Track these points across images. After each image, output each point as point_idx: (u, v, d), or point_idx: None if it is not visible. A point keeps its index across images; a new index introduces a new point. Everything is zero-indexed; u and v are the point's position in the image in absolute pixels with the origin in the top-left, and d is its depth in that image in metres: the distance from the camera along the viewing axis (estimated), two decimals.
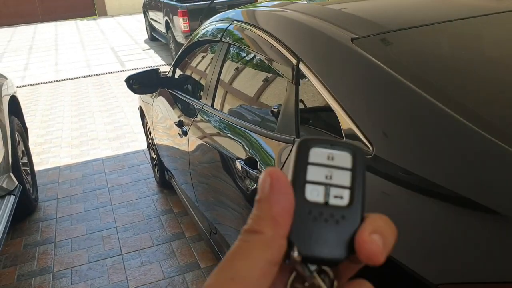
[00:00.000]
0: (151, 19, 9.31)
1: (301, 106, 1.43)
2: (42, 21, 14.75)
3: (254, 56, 1.83)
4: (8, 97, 3.24)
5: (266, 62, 1.68)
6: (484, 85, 1.24)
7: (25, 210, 3.17)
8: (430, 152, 1.00)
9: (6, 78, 3.44)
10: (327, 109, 1.27)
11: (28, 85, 7.23)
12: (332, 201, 0.33)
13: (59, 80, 7.40)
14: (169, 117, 2.61)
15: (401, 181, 1.00)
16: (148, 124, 3.34)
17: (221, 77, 2.03)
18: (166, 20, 7.78)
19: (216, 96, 2.05)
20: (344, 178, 0.33)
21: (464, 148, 0.97)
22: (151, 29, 9.65)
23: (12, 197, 2.79)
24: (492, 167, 0.92)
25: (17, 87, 6.95)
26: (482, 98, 1.18)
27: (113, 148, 4.38)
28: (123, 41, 10.20)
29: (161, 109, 2.81)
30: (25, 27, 13.78)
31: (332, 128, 1.26)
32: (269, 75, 1.71)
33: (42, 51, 9.79)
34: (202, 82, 2.29)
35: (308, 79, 1.37)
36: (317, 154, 0.33)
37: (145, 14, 10.02)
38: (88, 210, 3.25)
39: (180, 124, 2.34)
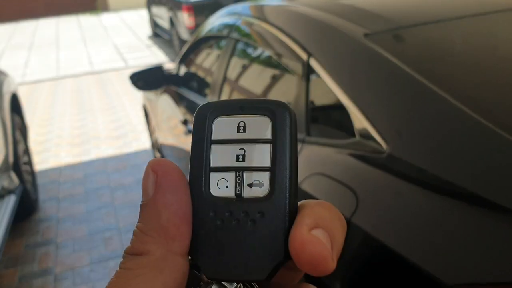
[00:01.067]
0: (155, 14, 9.25)
1: (311, 103, 1.38)
2: (44, 15, 14.71)
3: (263, 52, 1.78)
4: (9, 95, 3.18)
5: (276, 58, 1.63)
6: (500, 82, 1.21)
7: (26, 210, 3.12)
8: (445, 151, 0.98)
9: (7, 76, 3.38)
10: (339, 106, 1.23)
11: (29, 83, 7.18)
12: (247, 192, 0.24)
13: (60, 78, 7.35)
14: (174, 115, 2.55)
15: (416, 180, 0.98)
16: (152, 123, 3.28)
17: (228, 73, 1.98)
18: (170, 16, 7.71)
19: (223, 94, 1.99)
20: (262, 155, 0.24)
21: (480, 147, 0.95)
22: (154, 25, 9.59)
23: (13, 197, 2.74)
24: (509, 166, 0.90)
25: (18, 84, 6.91)
26: (499, 95, 1.15)
27: (115, 147, 4.33)
28: (126, 38, 10.15)
29: (165, 107, 2.75)
30: (27, 23, 13.75)
31: (344, 127, 1.22)
32: (278, 71, 1.66)
33: (43, 48, 9.75)
34: (209, 79, 2.23)
35: (319, 76, 1.32)
36: (223, 125, 0.24)
37: (148, 9, 9.95)
38: (90, 210, 3.20)
39: (185, 122, 2.28)
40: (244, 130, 0.24)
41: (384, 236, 0.93)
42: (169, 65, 3.32)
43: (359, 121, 1.14)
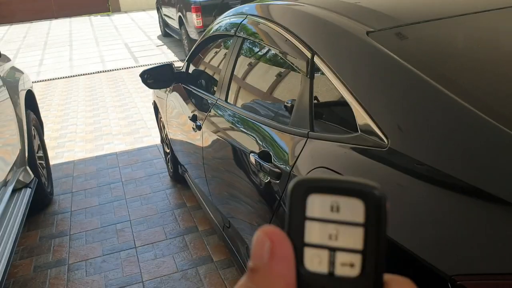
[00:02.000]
0: (165, 15, 9.34)
1: (315, 100, 1.42)
2: (56, 17, 14.90)
3: (269, 50, 1.83)
4: (25, 91, 3.28)
5: (281, 56, 1.68)
6: (502, 78, 1.23)
7: (41, 203, 3.22)
8: (446, 145, 1.00)
9: (23, 73, 3.49)
10: (342, 102, 1.27)
11: (43, 80, 7.32)
12: (339, 270, 0.25)
13: (74, 76, 7.48)
14: (183, 111, 2.62)
15: (417, 174, 1.00)
16: (162, 119, 3.36)
17: (235, 71, 2.04)
18: (180, 16, 7.80)
19: (230, 91, 2.05)
20: (355, 237, 0.25)
21: (480, 141, 0.97)
22: (164, 25, 9.69)
23: (29, 190, 2.84)
24: (508, 160, 0.92)
25: (32, 82, 7.04)
26: (499, 91, 1.17)
27: (127, 143, 4.42)
28: (136, 37, 10.26)
29: (175, 104, 2.83)
30: (40, 23, 13.94)
31: (347, 122, 1.25)
32: (284, 69, 1.71)
33: (56, 47, 9.90)
34: (216, 76, 2.30)
35: (323, 73, 1.37)
36: (316, 203, 0.25)
37: (158, 10, 10.06)
38: (102, 203, 3.29)
39: (194, 118, 2.35)
40: (337, 210, 0.25)
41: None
42: (179, 64, 3.39)
43: (362, 116, 1.17)
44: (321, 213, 0.25)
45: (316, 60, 1.40)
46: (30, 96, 3.44)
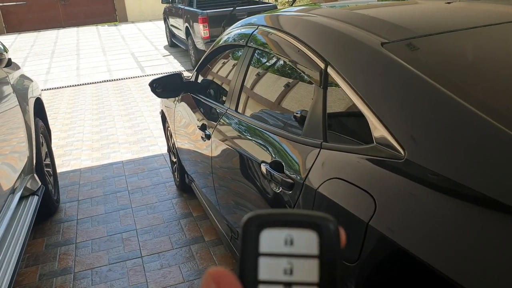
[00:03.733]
0: (171, 25, 9.42)
1: (328, 110, 1.42)
2: (64, 26, 15.04)
3: (280, 60, 1.84)
4: (34, 99, 3.30)
5: (293, 66, 1.69)
6: None
7: (47, 211, 3.21)
8: (463, 156, 0.99)
9: (32, 81, 3.51)
10: (356, 113, 1.26)
11: (50, 89, 7.36)
12: None
13: (81, 84, 7.52)
14: (191, 121, 2.62)
15: (433, 185, 0.99)
16: (170, 128, 3.36)
17: (246, 81, 2.04)
18: (186, 27, 7.86)
19: (241, 100, 2.05)
20: (310, 270, 0.24)
21: (499, 153, 0.96)
22: (171, 35, 9.76)
23: (36, 198, 2.84)
24: None
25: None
26: None
27: (133, 151, 4.43)
28: (143, 47, 10.33)
29: (183, 113, 2.83)
30: (48, 32, 14.07)
31: (361, 133, 1.25)
32: (296, 79, 1.71)
33: (64, 56, 9.98)
34: (226, 86, 2.30)
35: (337, 84, 1.37)
36: (270, 238, 0.24)
37: (165, 20, 10.15)
38: (109, 212, 3.28)
39: (203, 127, 2.35)
40: (291, 243, 0.24)
41: (401, 240, 0.94)
42: (186, 74, 3.40)
43: (377, 127, 1.16)
44: (275, 248, 0.24)
45: (330, 70, 1.40)
46: (38, 104, 3.46)
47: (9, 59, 2.97)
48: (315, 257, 0.24)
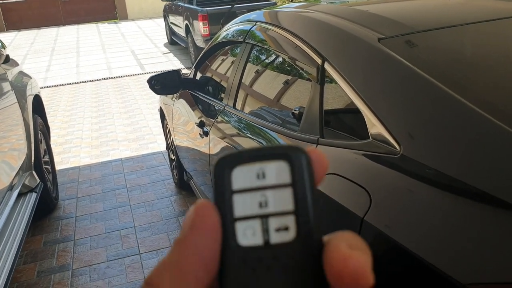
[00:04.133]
0: (171, 23, 9.41)
1: (325, 106, 1.42)
2: (64, 24, 15.03)
3: (278, 56, 1.83)
4: (32, 96, 3.29)
5: (290, 63, 1.68)
6: None
7: (46, 208, 3.21)
8: (458, 152, 0.99)
9: (31, 78, 3.50)
10: (353, 109, 1.26)
11: (50, 86, 7.36)
12: (274, 237, 0.24)
13: (80, 82, 7.52)
14: (190, 118, 2.62)
15: (429, 180, 0.99)
16: (168, 126, 3.36)
17: (244, 78, 2.04)
18: (186, 24, 7.85)
19: (238, 97, 2.05)
20: (285, 199, 0.24)
21: (494, 148, 0.96)
22: (171, 33, 9.75)
23: (34, 195, 2.84)
24: None
25: (39, 88, 7.08)
26: (511, 97, 1.16)
27: (132, 149, 4.42)
28: (143, 45, 10.33)
29: (181, 110, 2.83)
30: (48, 29, 14.06)
31: (358, 129, 1.24)
32: (293, 75, 1.71)
33: (64, 53, 9.98)
34: (224, 83, 2.29)
35: (333, 79, 1.36)
36: (241, 175, 0.24)
37: (165, 18, 10.14)
38: (107, 209, 3.28)
39: (201, 124, 2.35)
40: (264, 177, 0.24)
41: (397, 235, 0.94)
42: (185, 71, 3.40)
43: (373, 123, 1.16)
44: (248, 183, 0.24)
45: (327, 66, 1.40)
46: (37, 101, 3.46)
47: (7, 56, 2.97)
48: (288, 186, 0.24)
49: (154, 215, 3.14)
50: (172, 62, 8.36)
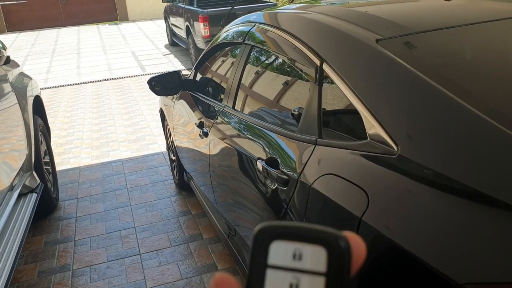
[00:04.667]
0: (172, 24, 9.42)
1: (323, 107, 1.42)
2: (65, 25, 15.05)
3: (277, 57, 1.84)
4: (33, 97, 3.31)
5: (289, 64, 1.69)
6: (510, 85, 1.23)
7: (46, 208, 3.22)
8: (455, 152, 0.99)
9: (31, 79, 3.51)
10: (351, 110, 1.27)
11: (51, 87, 7.37)
12: None
13: (81, 83, 7.53)
14: (189, 119, 2.63)
15: (426, 180, 0.99)
16: (168, 126, 3.37)
17: (243, 79, 2.04)
18: (187, 26, 7.86)
19: (238, 98, 2.05)
20: (315, 287, 0.24)
21: (491, 148, 0.96)
22: (171, 34, 9.76)
23: (34, 195, 2.84)
24: None
25: (40, 89, 7.09)
26: (508, 98, 1.17)
27: (133, 150, 4.43)
28: (144, 46, 10.34)
29: (181, 111, 2.83)
30: (49, 31, 14.09)
31: (356, 129, 1.25)
32: (292, 76, 1.72)
33: (64, 55, 9.99)
34: (224, 84, 2.30)
35: (332, 80, 1.37)
36: (279, 251, 0.24)
37: (166, 19, 10.15)
38: (108, 210, 3.29)
39: (201, 125, 2.35)
40: (300, 258, 0.24)
41: (395, 235, 0.95)
42: (186, 72, 3.41)
43: (371, 123, 1.16)
44: (283, 261, 0.24)
45: (325, 67, 1.41)
46: (38, 102, 3.47)
47: (8, 57, 2.98)
48: (322, 275, 0.24)
49: (155, 215, 3.15)
50: (172, 63, 8.37)
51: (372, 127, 1.17)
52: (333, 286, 0.24)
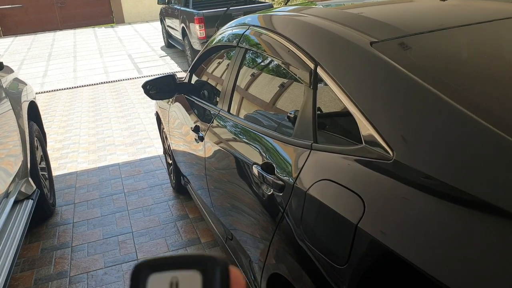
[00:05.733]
0: (168, 26, 9.40)
1: (318, 111, 1.41)
2: (61, 28, 15.02)
3: (271, 61, 1.83)
4: (27, 102, 3.29)
5: (283, 67, 1.67)
6: (507, 88, 1.21)
7: (43, 214, 3.20)
8: (452, 157, 0.97)
9: (26, 84, 3.50)
10: (346, 114, 1.25)
11: (47, 91, 7.35)
12: None
13: (77, 87, 7.51)
14: (185, 122, 2.61)
15: (422, 186, 0.98)
16: (165, 130, 3.35)
17: (238, 82, 2.03)
18: (183, 27, 7.84)
19: (233, 102, 2.04)
20: None
21: (487, 153, 0.95)
22: (167, 36, 9.75)
23: (31, 202, 2.83)
24: None
25: (36, 93, 7.07)
26: (506, 101, 1.15)
27: (130, 153, 4.41)
28: (140, 48, 10.32)
29: (177, 114, 2.82)
30: (45, 34, 14.05)
31: (351, 133, 1.24)
32: (286, 80, 1.70)
33: (61, 58, 9.96)
34: (219, 87, 2.29)
35: (326, 84, 1.36)
36: (157, 282, 0.24)
37: (161, 21, 10.13)
38: (105, 215, 3.27)
39: (196, 129, 2.34)
40: (177, 286, 0.24)
41: (391, 241, 0.94)
42: (182, 74, 3.39)
43: (366, 128, 1.15)
44: None
45: (319, 71, 1.39)
46: (33, 107, 3.45)
47: (1, 63, 2.96)
48: None
49: (152, 220, 3.14)
50: (169, 65, 8.35)
51: (367, 131, 1.15)
52: None
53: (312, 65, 1.43)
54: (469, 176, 0.93)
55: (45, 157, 3.55)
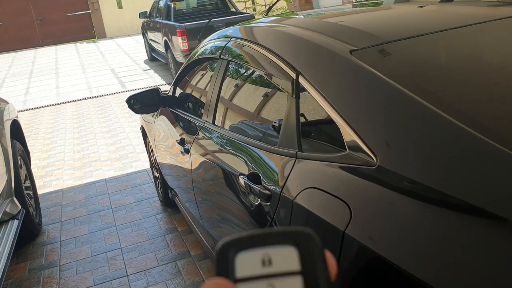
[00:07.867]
0: (150, 39, 9.40)
1: (302, 119, 1.43)
2: (42, 45, 14.90)
3: (253, 71, 1.84)
4: (10, 121, 3.25)
5: (266, 77, 1.69)
6: (484, 91, 1.24)
7: (29, 234, 3.15)
8: (435, 161, 0.99)
9: (8, 103, 3.46)
10: (329, 121, 1.27)
11: (30, 109, 7.27)
12: None
13: (60, 103, 7.44)
14: (171, 135, 2.61)
15: (407, 191, 0.99)
16: (150, 143, 3.34)
17: (221, 93, 2.04)
18: (165, 40, 7.85)
19: (217, 113, 2.05)
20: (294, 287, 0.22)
21: (469, 156, 0.97)
22: (150, 49, 9.74)
23: (16, 222, 2.78)
24: (499, 175, 0.91)
25: (19, 111, 6.99)
26: (483, 104, 1.18)
27: (116, 168, 4.38)
28: (123, 62, 10.28)
29: (162, 128, 2.81)
30: (26, 52, 13.92)
31: (335, 141, 1.25)
32: (269, 90, 1.72)
33: (42, 75, 9.87)
34: (203, 99, 2.30)
35: (308, 93, 1.37)
36: (246, 262, 0.23)
37: (143, 35, 10.13)
38: (92, 232, 3.24)
39: (182, 142, 2.34)
40: (270, 263, 0.23)
41: (378, 246, 0.94)
42: (166, 87, 3.39)
43: (349, 134, 1.16)
44: (253, 271, 0.23)
45: (301, 80, 1.41)
46: (15, 126, 3.41)
47: None
48: (298, 274, 0.22)
49: (141, 234, 3.11)
50: (153, 79, 8.34)
51: (350, 138, 1.17)
52: (312, 282, 0.22)
53: (294, 75, 1.44)
54: (451, 179, 0.94)
55: (30, 175, 3.50)
